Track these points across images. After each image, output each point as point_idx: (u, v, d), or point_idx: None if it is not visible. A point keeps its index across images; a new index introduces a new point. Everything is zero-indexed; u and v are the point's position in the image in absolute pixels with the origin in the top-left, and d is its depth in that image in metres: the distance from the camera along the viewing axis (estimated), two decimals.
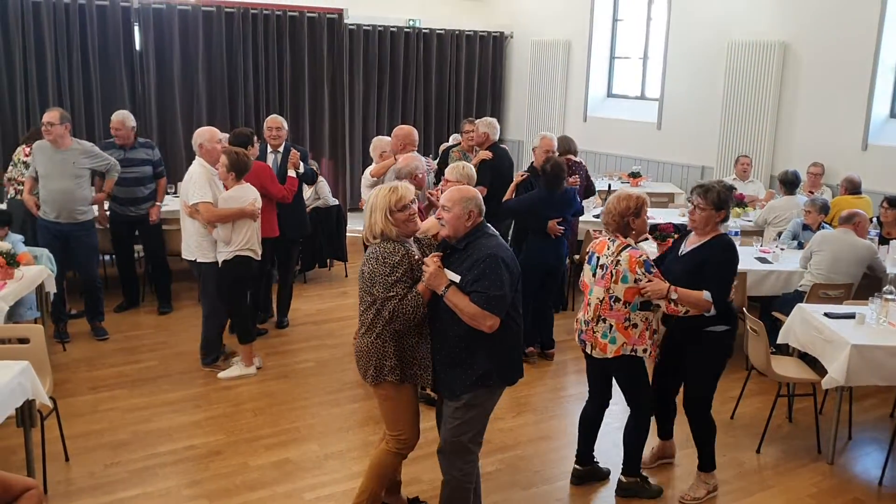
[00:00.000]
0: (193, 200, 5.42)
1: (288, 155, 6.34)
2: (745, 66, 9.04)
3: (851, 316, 4.87)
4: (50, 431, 4.29)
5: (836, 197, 7.63)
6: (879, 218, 6.89)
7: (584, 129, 10.88)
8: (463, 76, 11.94)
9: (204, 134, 5.69)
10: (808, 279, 5.92)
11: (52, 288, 5.69)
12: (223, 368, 5.72)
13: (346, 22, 10.75)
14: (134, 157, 6.60)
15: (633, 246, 4.00)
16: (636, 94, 10.92)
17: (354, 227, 7.14)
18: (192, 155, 5.95)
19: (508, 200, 6.22)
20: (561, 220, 5.94)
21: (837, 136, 8.35)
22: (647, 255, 3.99)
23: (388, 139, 6.26)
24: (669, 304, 3.93)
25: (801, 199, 7.23)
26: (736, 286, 5.83)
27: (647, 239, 4.42)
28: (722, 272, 4.03)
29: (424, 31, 11.54)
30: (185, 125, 9.73)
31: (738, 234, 6.64)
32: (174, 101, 9.72)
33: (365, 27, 10.98)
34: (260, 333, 6.35)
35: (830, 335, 4.71)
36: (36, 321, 5.50)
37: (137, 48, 9.48)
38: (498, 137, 7.13)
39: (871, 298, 4.98)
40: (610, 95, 11.27)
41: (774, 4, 8.88)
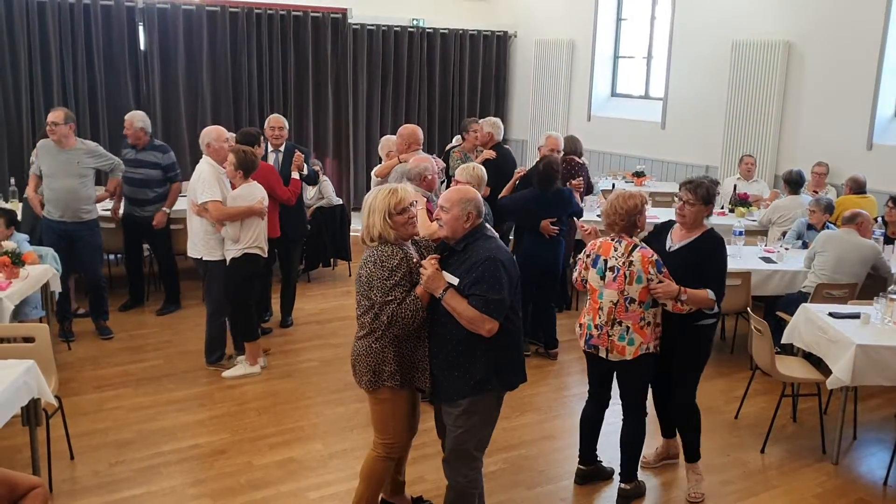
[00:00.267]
0: (202, 199, 5.41)
1: (288, 154, 6.34)
2: (749, 65, 9.02)
3: (856, 316, 4.86)
4: (55, 430, 4.30)
5: (840, 196, 7.62)
6: (884, 217, 6.88)
7: (588, 128, 10.86)
8: (467, 76, 11.93)
9: (211, 133, 5.69)
10: (811, 280, 5.90)
11: (57, 287, 5.69)
12: (227, 367, 5.73)
13: (349, 21, 10.75)
14: (143, 158, 6.59)
15: (641, 245, 3.97)
16: (640, 93, 10.92)
17: (358, 226, 7.18)
18: (196, 154, 5.95)
19: (503, 198, 6.22)
20: (555, 220, 5.92)
21: (842, 135, 8.33)
22: (656, 254, 3.95)
23: (395, 138, 6.27)
24: (676, 303, 3.92)
25: (805, 198, 7.21)
26: (740, 286, 5.87)
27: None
28: (722, 270, 4.06)
29: (428, 30, 11.53)
30: (189, 125, 9.74)
31: (742, 233, 6.61)
32: (179, 100, 9.73)
33: (369, 27, 10.98)
34: (265, 332, 6.36)
35: (835, 335, 4.69)
36: (41, 320, 5.51)
37: (142, 48, 9.48)
38: (502, 137, 7.13)
39: (876, 298, 4.97)
40: (614, 95, 11.26)
41: (779, 4, 8.86)
